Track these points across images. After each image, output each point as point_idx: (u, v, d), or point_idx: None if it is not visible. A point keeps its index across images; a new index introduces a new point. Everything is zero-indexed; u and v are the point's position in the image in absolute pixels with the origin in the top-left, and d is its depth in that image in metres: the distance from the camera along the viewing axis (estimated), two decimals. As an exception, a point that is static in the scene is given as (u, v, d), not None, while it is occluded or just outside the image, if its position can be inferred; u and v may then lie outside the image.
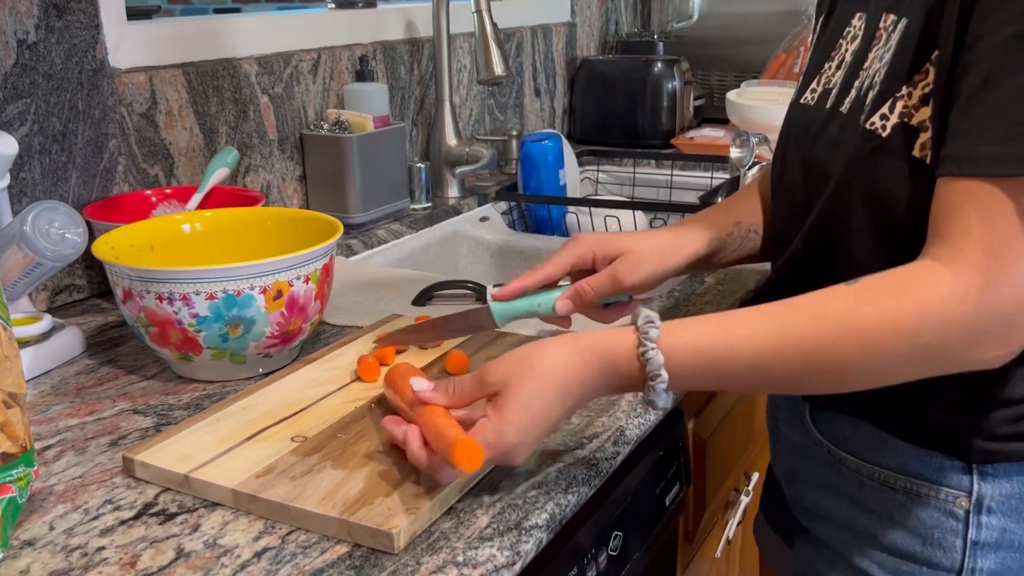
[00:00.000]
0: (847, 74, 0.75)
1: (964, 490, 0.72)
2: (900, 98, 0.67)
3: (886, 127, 0.68)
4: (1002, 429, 0.70)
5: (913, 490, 0.74)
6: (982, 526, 0.72)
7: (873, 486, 0.76)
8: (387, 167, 1.43)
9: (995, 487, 0.71)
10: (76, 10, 1.08)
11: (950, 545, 0.73)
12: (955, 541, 0.73)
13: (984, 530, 0.72)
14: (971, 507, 0.72)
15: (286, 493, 0.66)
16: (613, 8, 2.32)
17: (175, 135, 1.21)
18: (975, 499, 0.71)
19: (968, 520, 0.72)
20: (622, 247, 0.84)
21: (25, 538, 0.65)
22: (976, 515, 0.72)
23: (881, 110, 0.68)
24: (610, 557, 0.81)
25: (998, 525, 0.72)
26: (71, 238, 0.90)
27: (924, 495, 0.73)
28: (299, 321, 0.88)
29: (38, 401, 0.87)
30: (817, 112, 0.77)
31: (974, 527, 0.72)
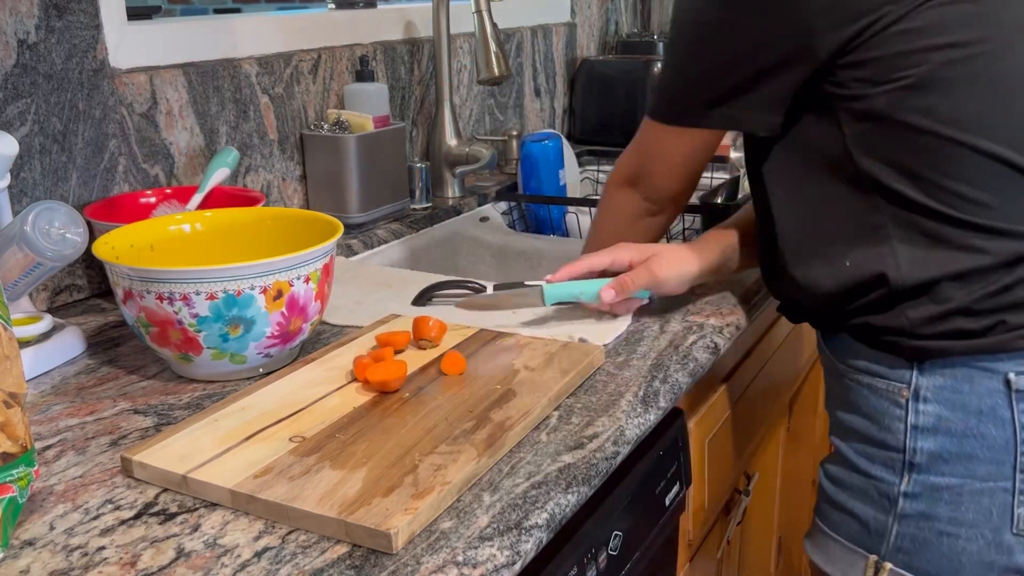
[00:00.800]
0: None
1: (905, 382, 0.86)
2: None
3: None
4: (925, 329, 0.84)
5: (872, 385, 0.89)
6: (920, 412, 0.86)
7: (851, 385, 0.92)
8: (387, 167, 1.43)
9: (930, 379, 0.85)
10: (76, 10, 1.08)
11: (896, 428, 0.87)
12: (899, 425, 0.87)
13: (922, 416, 0.85)
14: (910, 396, 0.86)
15: (284, 493, 0.66)
16: (613, 8, 2.32)
17: (175, 135, 1.22)
18: (913, 389, 0.86)
19: (907, 407, 0.86)
20: (655, 250, 1.02)
21: (25, 538, 0.65)
22: (915, 403, 0.86)
23: None
24: (610, 557, 0.81)
25: (934, 412, 0.85)
26: (71, 238, 0.90)
27: (877, 387, 0.89)
28: (299, 321, 0.88)
29: (38, 401, 0.87)
30: None
31: (913, 413, 0.86)
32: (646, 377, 0.88)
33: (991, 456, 0.83)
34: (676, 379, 0.90)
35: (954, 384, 0.84)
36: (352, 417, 0.78)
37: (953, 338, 0.83)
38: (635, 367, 0.90)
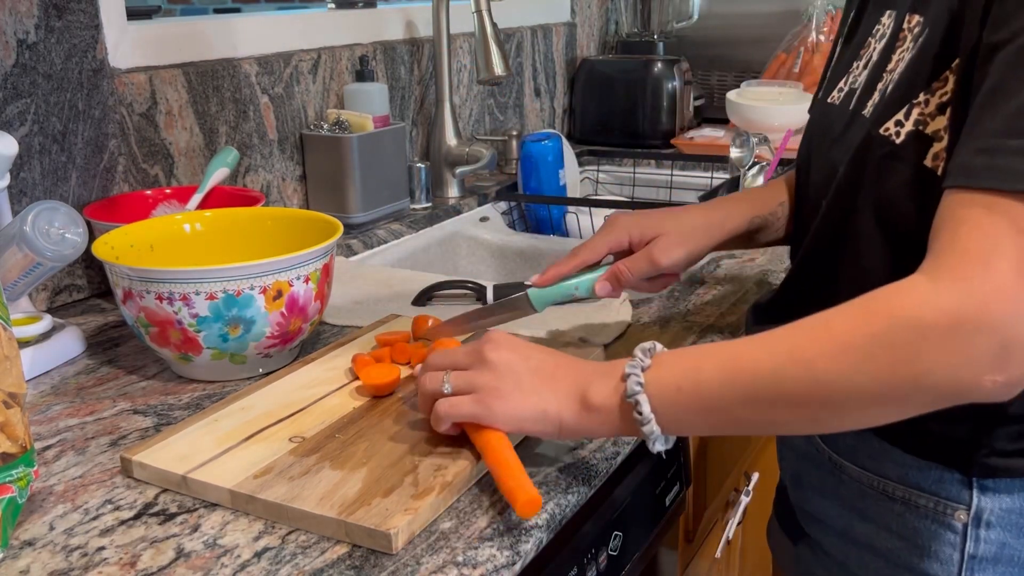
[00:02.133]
0: (871, 75, 0.73)
1: (963, 503, 0.70)
2: (916, 105, 0.66)
3: (900, 133, 0.66)
4: (1004, 445, 0.68)
5: (912, 500, 0.72)
6: (980, 540, 0.70)
7: (873, 495, 0.75)
8: (387, 167, 1.43)
9: (995, 501, 0.70)
10: (76, 10, 1.08)
11: (947, 558, 0.72)
12: (952, 554, 0.71)
13: (983, 544, 0.71)
14: (970, 520, 0.70)
15: (284, 493, 0.66)
16: (613, 8, 2.32)
17: (175, 135, 1.22)
18: (974, 512, 0.70)
19: (966, 533, 0.71)
20: (658, 229, 0.85)
21: (25, 538, 0.65)
22: (975, 528, 0.70)
23: (897, 116, 0.67)
24: (610, 557, 0.81)
25: (997, 539, 0.70)
26: (71, 238, 0.90)
27: (923, 506, 0.72)
28: (299, 321, 0.88)
29: (38, 401, 0.87)
30: (841, 113, 0.75)
31: (972, 540, 0.71)
32: (646, 377, 0.88)
33: None
34: (676, 379, 0.89)
35: (1023, 506, 0.70)
36: (352, 417, 0.78)
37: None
38: (635, 367, 0.90)
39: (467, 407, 0.67)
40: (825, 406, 0.58)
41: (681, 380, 0.62)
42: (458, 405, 0.68)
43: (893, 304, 0.56)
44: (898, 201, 0.66)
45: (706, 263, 1.22)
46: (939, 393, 0.56)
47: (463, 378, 0.68)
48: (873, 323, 0.56)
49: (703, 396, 0.61)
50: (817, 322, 0.58)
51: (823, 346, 0.57)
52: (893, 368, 0.55)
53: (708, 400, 0.61)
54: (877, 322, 0.55)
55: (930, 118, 0.65)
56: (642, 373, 0.62)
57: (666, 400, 0.62)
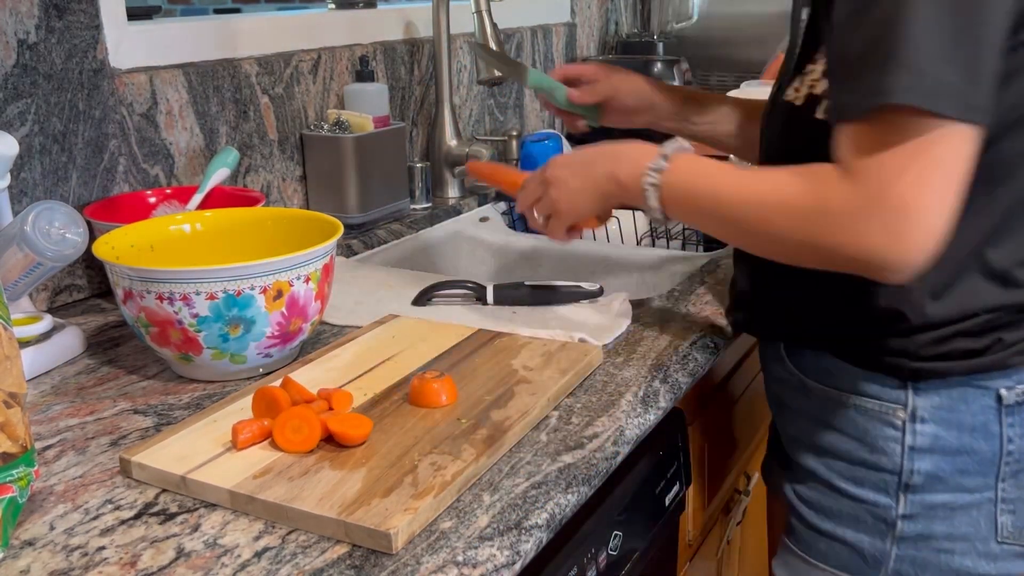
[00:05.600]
0: (785, 64, 0.91)
1: (901, 403, 0.84)
2: (808, 73, 0.83)
3: (799, 98, 0.84)
4: (926, 351, 0.81)
5: (861, 406, 0.86)
6: (916, 433, 0.84)
7: (831, 405, 0.88)
8: (387, 167, 1.43)
9: (926, 400, 0.83)
10: (76, 10, 1.08)
11: (892, 451, 0.85)
12: (895, 447, 0.85)
13: (919, 436, 0.84)
14: (907, 417, 0.84)
15: (284, 494, 0.66)
16: (613, 8, 2.31)
17: (175, 135, 1.22)
18: (910, 410, 0.84)
19: (904, 428, 0.84)
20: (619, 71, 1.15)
21: (25, 538, 0.65)
22: (912, 423, 0.84)
23: (795, 84, 0.85)
24: (610, 557, 0.81)
25: (930, 432, 0.83)
26: (71, 238, 0.90)
27: (869, 409, 0.86)
28: (299, 321, 0.88)
29: (38, 401, 0.87)
30: (770, 101, 0.93)
31: (910, 434, 0.84)
32: (646, 377, 0.88)
33: (979, 469, 0.83)
34: (676, 379, 0.90)
35: (950, 403, 0.83)
36: (352, 417, 0.78)
37: (954, 359, 0.82)
38: (635, 367, 0.90)
39: (555, 225, 0.93)
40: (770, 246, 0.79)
41: (682, 184, 0.82)
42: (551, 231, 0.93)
43: (820, 189, 0.73)
44: (802, 150, 0.77)
45: (706, 263, 1.22)
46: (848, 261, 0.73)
47: (541, 207, 0.93)
48: (807, 201, 0.74)
49: (693, 205, 0.83)
50: (779, 182, 0.76)
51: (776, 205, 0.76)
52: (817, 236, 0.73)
53: (696, 209, 0.83)
54: (809, 201, 0.74)
55: (816, 81, 0.82)
56: (657, 175, 0.83)
57: (670, 194, 0.83)
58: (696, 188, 0.82)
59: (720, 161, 0.85)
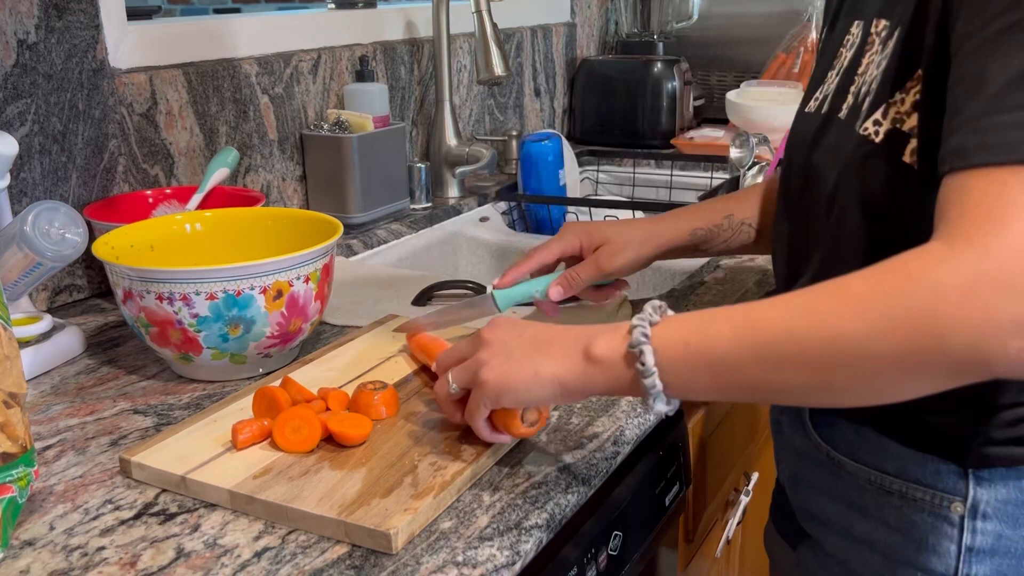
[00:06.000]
0: (842, 79, 0.75)
1: (960, 495, 0.70)
2: (893, 104, 0.67)
3: (879, 132, 0.68)
4: (998, 433, 0.68)
5: (909, 494, 0.72)
6: (977, 531, 0.70)
7: (871, 490, 0.75)
8: (387, 167, 1.43)
9: (991, 492, 0.70)
10: (76, 10, 1.08)
11: (945, 551, 0.71)
12: (950, 546, 0.71)
13: (979, 536, 0.71)
14: (966, 512, 0.70)
15: (283, 494, 0.66)
16: (613, 8, 2.32)
17: (175, 135, 1.22)
18: (970, 504, 0.70)
19: (963, 525, 0.71)
20: (605, 236, 0.92)
21: (25, 538, 0.65)
22: (971, 520, 0.70)
23: (875, 115, 0.68)
24: (610, 557, 0.81)
25: (993, 531, 0.70)
26: (71, 238, 0.90)
27: (919, 499, 0.72)
28: (299, 321, 0.88)
29: (38, 401, 0.87)
30: (816, 119, 0.77)
31: (969, 532, 0.71)
32: (646, 377, 0.88)
33: None
34: (676, 379, 0.89)
35: (1020, 497, 0.69)
36: (352, 417, 0.78)
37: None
38: (635, 367, 0.90)
39: (476, 397, 0.68)
40: (839, 369, 0.56)
41: (689, 335, 0.60)
42: (470, 407, 0.69)
43: (909, 265, 0.54)
44: (879, 198, 0.67)
45: (706, 263, 1.22)
46: (960, 359, 0.53)
47: (462, 370, 0.70)
48: (890, 282, 0.54)
49: (712, 353, 0.59)
50: (834, 283, 0.57)
51: (839, 304, 0.55)
52: (911, 328, 0.53)
53: (717, 357, 0.59)
54: (894, 281, 0.54)
55: (906, 116, 0.66)
56: (649, 326, 0.61)
57: (672, 355, 0.60)
58: (713, 327, 0.60)
59: None
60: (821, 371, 0.56)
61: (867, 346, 0.54)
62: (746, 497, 1.21)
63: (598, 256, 0.91)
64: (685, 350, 0.60)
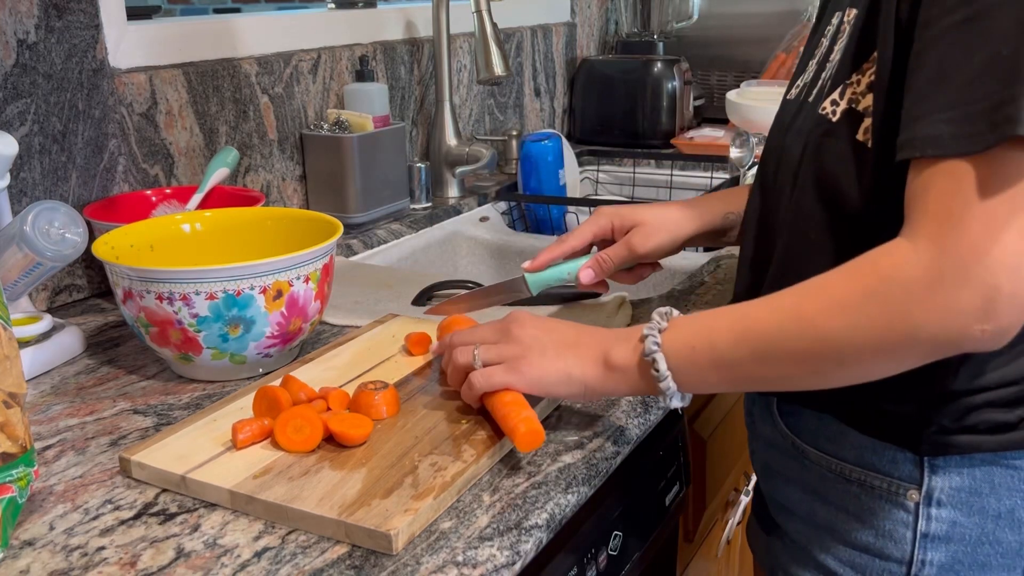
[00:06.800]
0: (818, 67, 0.78)
1: (915, 482, 0.72)
2: (849, 85, 0.70)
3: (836, 112, 0.71)
4: (950, 422, 0.70)
5: (867, 482, 0.75)
6: (932, 518, 0.72)
7: (832, 478, 0.77)
8: (387, 167, 1.43)
9: (945, 480, 0.71)
10: (76, 10, 1.08)
11: (900, 537, 0.74)
12: (905, 533, 0.73)
13: (934, 522, 0.72)
14: (921, 499, 0.72)
15: (284, 494, 0.66)
16: (613, 8, 2.32)
17: (175, 135, 1.22)
18: (925, 491, 0.72)
19: (918, 512, 0.73)
20: (637, 219, 0.93)
21: (25, 538, 0.65)
22: (926, 507, 0.72)
23: (832, 96, 0.72)
24: (610, 557, 0.81)
25: (948, 518, 0.72)
26: (71, 238, 0.90)
27: (877, 487, 0.74)
28: (299, 321, 0.88)
29: (38, 401, 0.87)
30: (794, 105, 0.80)
31: (924, 519, 0.73)
32: (646, 377, 0.88)
33: (1003, 563, 0.73)
34: (676, 379, 0.89)
35: (973, 484, 0.71)
36: (352, 417, 0.78)
37: (981, 432, 0.70)
38: (635, 367, 0.90)
39: (499, 376, 0.74)
40: (827, 360, 0.64)
41: (695, 340, 0.68)
42: (490, 375, 0.74)
43: (880, 264, 0.61)
44: (836, 176, 0.70)
45: (706, 263, 1.22)
46: (932, 344, 0.60)
47: (492, 351, 0.75)
48: (865, 282, 0.61)
49: (715, 354, 0.68)
50: (816, 283, 0.64)
51: (822, 304, 0.63)
52: (887, 322, 0.60)
53: (720, 358, 0.67)
54: (868, 281, 0.61)
55: (861, 96, 0.69)
56: (659, 334, 0.69)
57: (681, 358, 0.68)
58: (713, 330, 0.68)
59: None
60: (812, 363, 0.64)
61: (850, 341, 0.62)
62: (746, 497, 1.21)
63: (630, 238, 0.92)
64: (692, 353, 0.69)
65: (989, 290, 0.57)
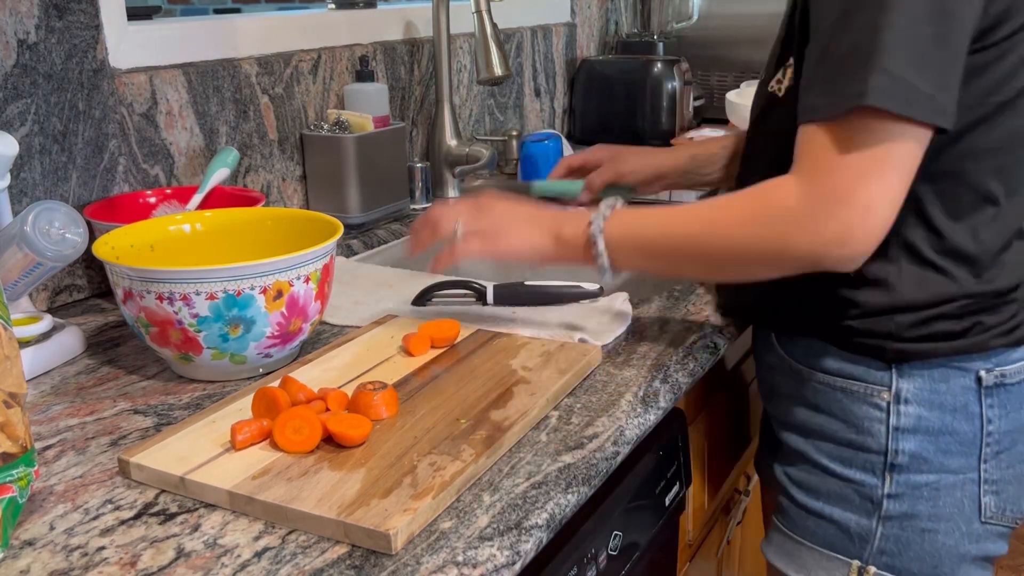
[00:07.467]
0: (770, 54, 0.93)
1: (885, 384, 0.87)
2: (789, 65, 0.86)
3: (781, 88, 0.88)
4: (908, 332, 0.85)
5: (848, 388, 0.89)
6: (901, 414, 0.87)
7: (822, 389, 0.92)
8: (387, 167, 1.43)
9: (910, 382, 0.87)
10: (76, 10, 1.08)
11: (877, 431, 0.88)
12: (880, 428, 0.88)
13: (903, 417, 0.87)
14: (891, 398, 0.87)
15: (283, 494, 0.66)
16: (613, 8, 2.31)
17: (175, 135, 1.22)
18: (895, 392, 0.87)
19: (889, 409, 0.87)
20: (620, 151, 1.18)
21: (25, 538, 0.65)
22: (896, 405, 0.87)
23: (777, 75, 0.89)
24: (610, 557, 0.81)
25: (914, 413, 0.87)
26: (71, 238, 0.90)
27: (856, 391, 0.89)
28: (299, 321, 0.88)
29: (38, 401, 0.87)
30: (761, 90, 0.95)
31: (894, 415, 0.87)
32: (646, 377, 0.88)
33: (962, 450, 0.87)
34: (676, 379, 0.90)
35: (932, 385, 0.86)
36: (352, 417, 0.78)
37: (935, 340, 0.85)
38: (635, 367, 0.90)
39: (476, 245, 0.90)
40: (724, 261, 0.83)
41: (628, 230, 0.86)
42: (468, 245, 0.90)
43: (770, 195, 0.79)
44: (783, 138, 0.81)
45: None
46: (800, 260, 0.78)
47: (472, 223, 0.90)
48: (758, 205, 0.79)
49: (642, 243, 0.86)
50: (725, 200, 0.82)
51: (725, 219, 0.81)
52: (769, 240, 0.78)
53: (645, 247, 0.86)
54: (761, 207, 0.79)
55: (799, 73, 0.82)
56: (603, 221, 0.86)
57: (616, 243, 0.85)
58: (644, 224, 0.85)
59: None
60: (713, 261, 0.84)
61: (742, 249, 0.80)
62: (746, 497, 1.21)
63: (616, 161, 1.16)
64: (624, 239, 0.85)
65: (847, 225, 0.74)
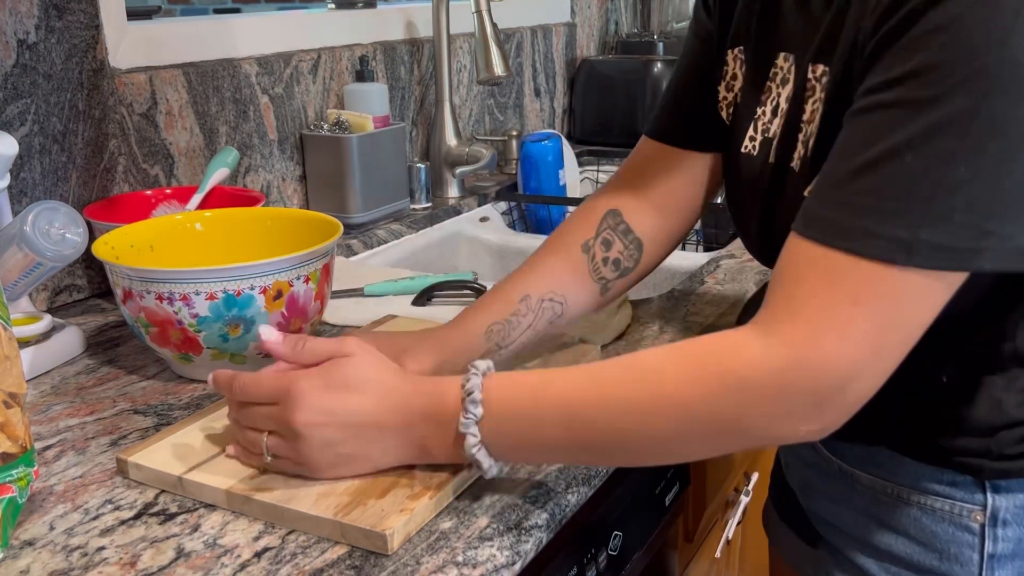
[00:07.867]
0: (787, 125, 0.72)
1: (978, 504, 0.72)
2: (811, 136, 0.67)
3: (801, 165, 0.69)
4: (1011, 449, 0.70)
5: (927, 504, 0.74)
6: (998, 539, 0.72)
7: (887, 501, 0.76)
8: (387, 167, 1.43)
9: (1009, 499, 0.72)
10: (76, 10, 1.08)
11: (967, 559, 0.73)
12: (972, 555, 0.73)
13: (1000, 543, 0.72)
14: (986, 520, 0.72)
15: (280, 495, 0.66)
16: (613, 8, 2.32)
17: (175, 135, 1.22)
18: (990, 512, 0.72)
19: (984, 533, 0.72)
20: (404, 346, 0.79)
21: (25, 538, 0.65)
22: (992, 528, 0.72)
23: (798, 149, 0.69)
24: (610, 557, 0.81)
25: (1014, 536, 0.72)
26: (71, 238, 0.90)
27: (939, 509, 0.73)
28: (299, 321, 0.88)
29: (38, 401, 0.87)
30: (763, 165, 0.75)
31: (990, 540, 0.72)
32: (646, 377, 0.88)
33: None
34: (676, 379, 0.89)
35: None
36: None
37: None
38: (635, 367, 0.90)
39: (293, 469, 0.68)
40: (657, 451, 0.63)
41: (519, 438, 0.64)
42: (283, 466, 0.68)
43: (723, 363, 0.58)
44: None
45: (706, 263, 1.22)
46: (755, 439, 0.60)
47: (281, 449, 0.67)
48: (704, 383, 0.58)
49: (542, 447, 0.64)
50: (651, 374, 0.61)
51: (657, 402, 0.59)
52: (720, 423, 0.59)
53: (547, 450, 0.65)
54: (708, 382, 0.58)
55: None
56: (478, 428, 0.63)
57: (505, 452, 0.65)
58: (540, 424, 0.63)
59: None
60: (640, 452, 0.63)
61: (680, 437, 0.60)
62: (746, 497, 1.21)
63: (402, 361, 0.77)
64: (517, 450, 0.65)
65: (825, 398, 0.57)
